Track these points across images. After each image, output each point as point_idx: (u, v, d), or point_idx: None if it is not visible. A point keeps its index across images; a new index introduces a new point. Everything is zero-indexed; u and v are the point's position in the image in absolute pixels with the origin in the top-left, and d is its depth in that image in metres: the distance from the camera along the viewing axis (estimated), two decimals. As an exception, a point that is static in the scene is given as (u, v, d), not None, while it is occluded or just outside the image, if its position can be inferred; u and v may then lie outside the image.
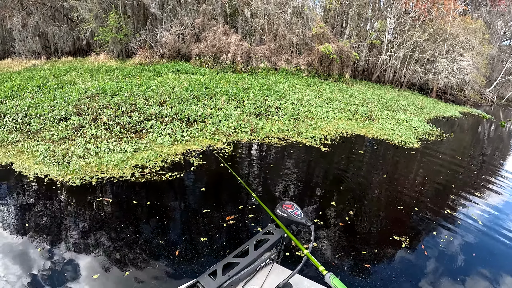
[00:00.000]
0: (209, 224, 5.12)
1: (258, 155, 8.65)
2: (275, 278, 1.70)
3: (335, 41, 20.80)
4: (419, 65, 23.27)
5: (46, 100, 10.86)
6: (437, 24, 22.49)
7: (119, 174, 6.51)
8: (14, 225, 4.95)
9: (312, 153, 8.80)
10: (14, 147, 7.91)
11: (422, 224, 5.70)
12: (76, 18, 22.55)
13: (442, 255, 4.82)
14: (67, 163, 6.96)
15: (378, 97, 17.99)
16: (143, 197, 5.81)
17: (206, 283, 1.51)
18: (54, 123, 9.22)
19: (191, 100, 11.66)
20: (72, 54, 23.92)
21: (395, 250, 4.84)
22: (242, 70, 18.90)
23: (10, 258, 4.22)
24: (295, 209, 1.81)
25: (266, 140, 9.33)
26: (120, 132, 8.67)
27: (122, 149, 7.60)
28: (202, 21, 21.08)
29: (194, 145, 8.29)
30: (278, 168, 7.65)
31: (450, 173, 8.50)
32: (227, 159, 7.77)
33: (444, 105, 21.86)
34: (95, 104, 10.49)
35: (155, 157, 7.34)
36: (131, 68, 18.13)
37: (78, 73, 16.30)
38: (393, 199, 6.60)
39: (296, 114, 11.71)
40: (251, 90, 13.95)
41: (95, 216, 5.22)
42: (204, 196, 6.08)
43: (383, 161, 8.97)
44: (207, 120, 10.01)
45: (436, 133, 12.57)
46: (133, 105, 10.52)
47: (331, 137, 10.12)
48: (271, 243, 1.78)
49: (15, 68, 19.71)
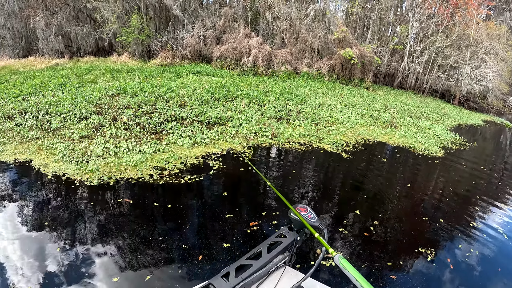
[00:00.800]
0: (233, 229, 4.96)
1: (279, 160, 8.40)
2: (287, 281, 1.69)
3: (357, 45, 20.43)
4: (442, 71, 22.64)
5: (67, 99, 10.89)
6: (460, 29, 21.85)
7: (137, 175, 6.38)
8: (31, 222, 4.87)
9: (333, 159, 8.52)
10: (34, 144, 7.91)
11: (447, 235, 5.43)
12: (98, 19, 22.78)
13: (467, 269, 4.61)
14: (86, 162, 6.88)
15: (400, 103, 17.55)
16: (163, 199, 5.67)
17: (218, 285, 1.50)
18: (74, 121, 9.21)
19: (212, 102, 11.52)
20: (95, 54, 24.19)
21: (421, 262, 4.63)
22: (263, 73, 18.70)
23: (28, 256, 4.12)
24: (309, 212, 1.81)
25: (287, 145, 9.09)
26: (139, 133, 8.59)
27: (141, 149, 7.49)
28: (224, 24, 21.02)
29: (214, 148, 8.12)
30: (299, 174, 7.40)
31: (474, 183, 8.14)
32: (247, 163, 7.55)
33: (467, 112, 21.22)
34: (116, 103, 10.46)
35: (174, 159, 7.20)
36: (152, 69, 18.17)
37: (100, 73, 16.40)
38: (417, 209, 6.33)
39: (317, 119, 11.46)
40: (272, 94, 13.75)
41: (114, 217, 5.09)
42: (225, 200, 5.92)
43: (405, 170, 8.65)
44: (227, 123, 9.85)
45: (459, 141, 12.11)
46: (154, 106, 10.45)
47: (352, 144, 9.82)
48: (284, 246, 1.79)
49: (38, 66, 20.01)
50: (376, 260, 4.58)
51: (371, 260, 4.57)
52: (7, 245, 4.36)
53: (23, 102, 10.82)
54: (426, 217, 5.90)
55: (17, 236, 4.53)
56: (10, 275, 3.86)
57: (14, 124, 9.06)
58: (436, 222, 5.78)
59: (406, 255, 4.78)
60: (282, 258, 1.79)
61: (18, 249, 4.30)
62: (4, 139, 8.21)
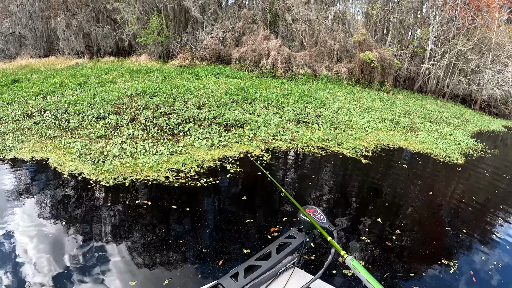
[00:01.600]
0: (253, 234, 4.83)
1: (297, 164, 8.20)
2: (296, 283, 1.69)
3: (377, 48, 20.04)
4: (463, 75, 21.99)
5: (86, 98, 10.93)
6: (482, 33, 21.15)
7: (153, 177, 6.28)
8: (44, 222, 4.80)
9: (352, 165, 8.25)
10: (51, 143, 7.92)
11: (469, 246, 5.17)
12: (118, 20, 22.97)
13: (490, 283, 4.39)
14: (102, 162, 6.83)
15: (420, 107, 17.10)
16: (179, 202, 5.53)
17: (227, 285, 1.51)
18: (92, 121, 9.21)
19: (230, 104, 11.38)
20: (115, 54, 24.42)
21: (444, 275, 4.43)
22: (282, 75, 18.48)
23: (43, 259, 4.04)
24: (318, 213, 1.81)
25: (306, 149, 8.84)
26: (157, 134, 8.50)
27: (158, 151, 7.39)
28: (243, 25, 20.93)
29: (231, 151, 7.95)
30: (317, 179, 7.17)
31: (496, 192, 7.75)
32: (264, 167, 7.38)
33: (488, 118, 20.50)
34: (134, 104, 10.43)
35: (191, 161, 7.07)
36: (171, 70, 18.18)
37: (119, 73, 16.48)
38: (439, 218, 6.07)
39: (336, 123, 11.20)
40: (291, 96, 13.55)
41: (128, 218, 4.98)
42: (244, 204, 5.75)
43: (426, 177, 8.28)
44: (245, 126, 9.67)
45: (480, 148, 11.63)
46: (172, 107, 10.37)
47: (372, 149, 9.50)
48: (293, 247, 1.78)
49: (59, 66, 20.25)
50: (399, 270, 4.40)
51: (394, 269, 4.40)
52: (18, 245, 4.29)
53: (43, 101, 10.91)
54: (449, 227, 5.64)
55: (29, 235, 4.45)
56: (23, 271, 3.83)
57: (33, 122, 9.12)
58: (459, 232, 5.52)
59: (428, 266, 4.57)
60: (291, 259, 1.80)
61: (30, 248, 4.22)
62: (23, 137, 8.25)
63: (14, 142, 7.90)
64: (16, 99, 11.33)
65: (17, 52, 25.54)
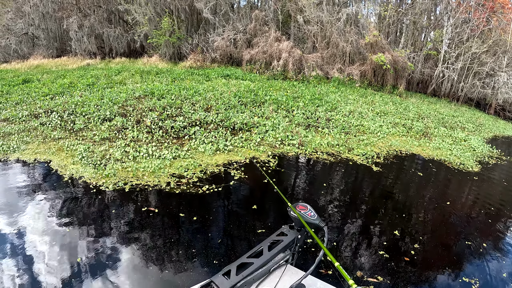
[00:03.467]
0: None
1: (305, 171, 7.85)
2: (288, 279, 1.70)
3: (390, 50, 19.62)
4: (477, 78, 21.40)
5: (94, 99, 10.81)
6: (497, 35, 20.57)
7: (154, 182, 6.06)
8: (35, 226, 4.61)
9: (363, 172, 7.88)
10: (55, 144, 7.80)
11: (491, 262, 4.81)
12: (130, 21, 22.98)
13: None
14: (104, 165, 6.65)
15: (434, 112, 16.61)
16: (179, 209, 5.27)
17: (220, 283, 1.52)
18: (97, 122, 9.06)
19: (239, 107, 11.11)
20: (127, 55, 24.46)
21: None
22: (293, 77, 18.20)
23: (33, 267, 3.84)
24: (309, 210, 1.83)
25: (314, 155, 8.49)
26: (161, 137, 8.29)
27: (161, 155, 7.17)
28: (255, 27, 20.71)
29: (237, 156, 7.66)
30: (325, 187, 6.84)
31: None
32: (271, 173, 7.05)
33: (503, 123, 19.90)
34: (141, 106, 10.26)
35: (194, 167, 6.81)
36: (182, 71, 18.03)
37: (129, 74, 16.41)
38: (460, 232, 5.67)
39: (347, 128, 10.85)
40: (301, 99, 13.24)
41: (125, 226, 4.75)
42: (248, 213, 5.46)
43: (442, 186, 7.86)
44: (253, 129, 9.38)
45: (496, 155, 11.15)
46: (179, 109, 10.17)
47: (384, 155, 9.11)
48: (285, 245, 1.81)
49: (70, 66, 20.31)
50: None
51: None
52: (10, 248, 4.11)
53: (51, 102, 10.84)
54: (469, 241, 5.27)
55: (19, 242, 4.27)
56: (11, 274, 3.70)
57: (39, 123, 9.01)
58: (480, 247, 5.15)
59: (450, 284, 4.26)
60: (284, 257, 1.81)
61: (20, 255, 4.03)
62: (28, 138, 8.15)
63: (19, 143, 7.79)
64: (25, 99, 11.30)
65: (30, 52, 25.77)
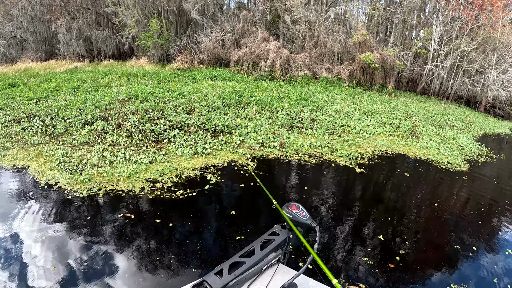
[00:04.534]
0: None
1: (285, 174, 7.70)
2: (280, 279, 1.72)
3: (378, 49, 19.63)
4: (467, 76, 21.43)
5: (77, 103, 10.72)
6: (486, 32, 20.61)
7: (128, 188, 5.99)
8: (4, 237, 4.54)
9: (345, 175, 7.76)
10: (35, 150, 7.71)
11: (481, 268, 4.72)
12: (118, 23, 22.87)
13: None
14: (80, 171, 6.58)
15: (423, 110, 16.58)
16: (150, 216, 5.20)
17: (212, 282, 1.53)
18: (78, 127, 8.98)
19: (222, 108, 11.03)
20: (116, 58, 24.36)
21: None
22: (280, 78, 18.13)
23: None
24: (301, 210, 1.86)
25: (296, 156, 8.35)
26: (140, 141, 8.20)
27: (138, 159, 7.09)
28: (243, 27, 20.64)
29: (215, 159, 7.56)
30: (303, 191, 6.73)
31: (507, 202, 7.23)
32: (249, 177, 6.93)
33: (493, 120, 19.95)
34: (124, 109, 10.17)
35: (170, 171, 6.72)
36: (169, 73, 17.93)
37: (116, 77, 16.31)
38: (447, 235, 5.56)
39: (332, 128, 10.79)
40: (287, 100, 13.20)
41: (92, 233, 4.68)
42: (223, 220, 5.35)
43: (429, 187, 7.69)
44: (234, 132, 9.29)
45: (485, 153, 11.11)
46: (161, 112, 10.09)
47: (368, 156, 9.01)
48: (277, 244, 1.82)
49: (58, 70, 20.16)
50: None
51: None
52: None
53: (35, 106, 10.73)
54: (458, 245, 5.18)
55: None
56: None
57: (21, 128, 8.92)
58: (469, 251, 5.06)
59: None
60: (275, 256, 1.81)
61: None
62: (8, 143, 8.07)
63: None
64: (9, 103, 11.18)
65: (18, 55, 25.63)
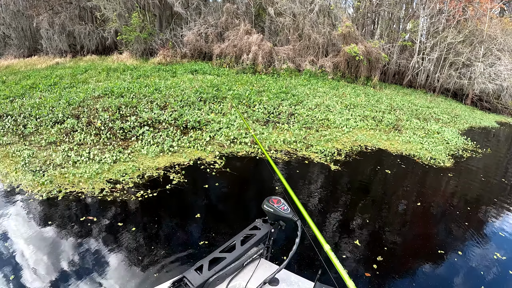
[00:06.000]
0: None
1: (252, 172, 7.43)
2: (262, 273, 1.71)
3: (363, 41, 19.47)
4: (454, 69, 21.38)
5: (51, 101, 10.51)
6: (473, 25, 20.53)
7: (88, 189, 5.83)
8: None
9: (317, 173, 7.54)
10: (3, 150, 7.51)
11: (466, 273, 4.50)
12: (99, 17, 22.50)
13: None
14: (43, 172, 6.41)
15: (408, 103, 16.51)
16: (105, 219, 5.07)
17: (192, 278, 1.52)
18: (48, 125, 8.78)
19: (197, 103, 10.84)
20: (100, 53, 23.99)
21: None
22: (262, 71, 17.96)
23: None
24: (282, 204, 1.83)
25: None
26: (108, 139, 8.02)
27: (102, 159, 6.93)
28: (226, 20, 20.38)
29: (181, 158, 7.34)
30: (268, 191, 6.48)
31: (496, 205, 6.83)
32: (215, 176, 6.69)
33: (480, 113, 19.96)
34: (97, 106, 9.97)
35: (132, 171, 6.54)
36: (149, 67, 17.65)
37: (96, 72, 16.07)
38: (432, 239, 5.29)
39: (310, 122, 10.65)
40: (266, 93, 13.04)
41: (45, 240, 4.55)
42: (181, 223, 5.15)
43: (409, 186, 7.37)
44: (204, 128, 9.12)
45: (471, 147, 10.98)
46: (135, 108, 9.90)
47: (346, 152, 8.78)
48: (258, 238, 1.81)
49: (39, 66, 19.79)
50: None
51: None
52: None
53: (10, 105, 10.49)
54: (442, 251, 4.89)
55: None
56: None
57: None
58: (455, 255, 4.81)
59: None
60: (257, 251, 1.80)
61: None
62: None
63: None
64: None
65: (1, 52, 25.18)
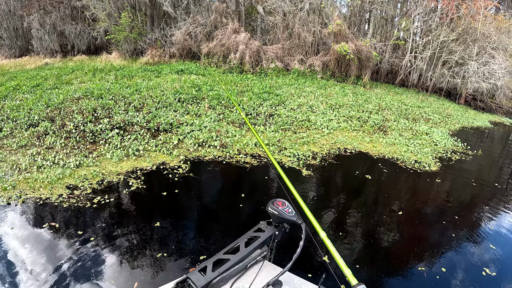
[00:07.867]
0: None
1: (216, 178, 7.11)
2: (265, 276, 1.71)
3: (354, 40, 19.37)
4: (447, 67, 21.20)
5: (30, 103, 10.49)
6: (467, 23, 20.30)
7: (47, 195, 5.81)
8: None
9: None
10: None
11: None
12: (88, 17, 22.47)
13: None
14: (8, 177, 6.40)
15: (398, 102, 16.27)
16: (57, 225, 5.03)
17: (196, 279, 1.52)
18: (23, 128, 8.77)
19: (174, 104, 10.77)
20: (91, 52, 24.01)
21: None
22: (250, 70, 17.87)
23: None
24: (287, 206, 1.82)
25: (236, 157, 7.89)
26: (77, 142, 7.99)
27: (66, 163, 6.91)
28: (215, 19, 20.30)
29: (144, 162, 7.25)
30: (229, 199, 6.22)
31: (489, 212, 6.55)
32: (176, 182, 6.51)
33: (473, 113, 19.71)
34: (73, 108, 9.94)
35: (93, 176, 6.50)
36: (135, 68, 17.58)
37: (83, 73, 16.05)
38: (413, 252, 5.02)
39: (289, 123, 10.51)
40: (248, 93, 12.97)
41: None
42: (141, 232, 5.00)
43: (389, 192, 6.97)
44: (174, 130, 9.01)
45: (461, 149, 10.58)
46: (110, 110, 9.86)
47: (322, 155, 8.46)
48: (262, 241, 1.80)
49: (28, 66, 19.80)
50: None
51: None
52: None
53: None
54: (422, 267, 4.62)
55: None
56: None
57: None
58: (438, 272, 4.56)
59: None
60: (261, 253, 1.80)
61: None
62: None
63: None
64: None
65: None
